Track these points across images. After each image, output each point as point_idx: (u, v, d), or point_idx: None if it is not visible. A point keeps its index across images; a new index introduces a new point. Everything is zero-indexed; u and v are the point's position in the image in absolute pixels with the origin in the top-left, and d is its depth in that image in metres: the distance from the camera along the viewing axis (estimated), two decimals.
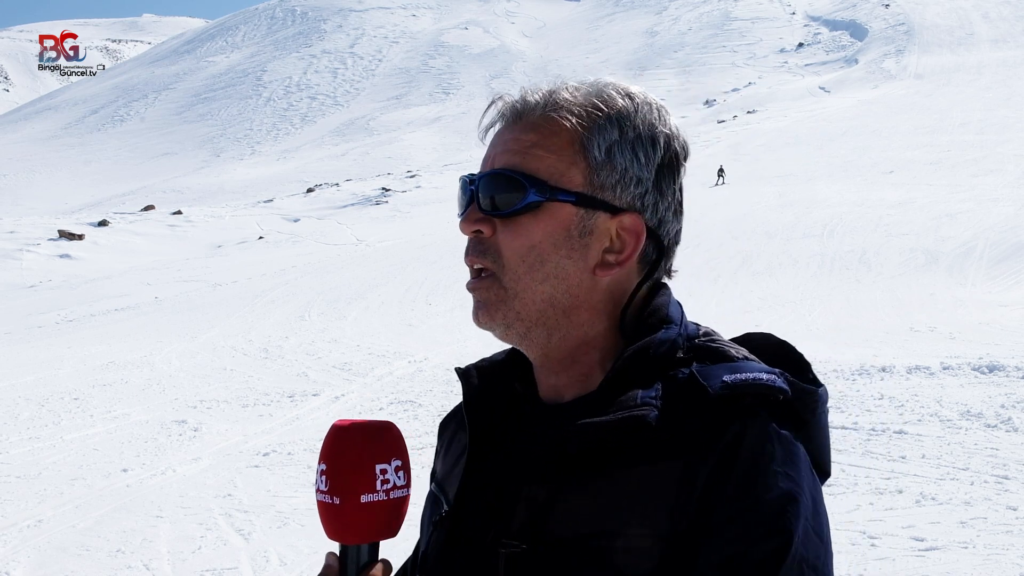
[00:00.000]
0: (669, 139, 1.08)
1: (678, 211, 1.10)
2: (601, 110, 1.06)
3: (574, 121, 1.05)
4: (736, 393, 0.98)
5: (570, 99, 1.06)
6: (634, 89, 1.09)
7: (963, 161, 35.03)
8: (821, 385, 1.04)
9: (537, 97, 1.08)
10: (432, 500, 1.17)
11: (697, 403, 0.98)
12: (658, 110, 1.08)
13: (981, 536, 5.24)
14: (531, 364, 1.12)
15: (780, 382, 0.99)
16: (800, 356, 1.09)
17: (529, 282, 1.05)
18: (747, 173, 37.46)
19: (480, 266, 1.08)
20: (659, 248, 1.08)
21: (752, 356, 1.05)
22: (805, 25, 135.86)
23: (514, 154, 1.06)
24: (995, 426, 7.39)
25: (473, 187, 1.08)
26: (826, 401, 1.05)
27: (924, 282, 17.17)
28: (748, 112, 70.50)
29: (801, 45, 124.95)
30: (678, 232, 1.11)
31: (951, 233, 21.60)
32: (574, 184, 1.04)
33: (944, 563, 4.91)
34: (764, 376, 0.99)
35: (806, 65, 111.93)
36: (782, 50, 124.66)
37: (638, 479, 0.96)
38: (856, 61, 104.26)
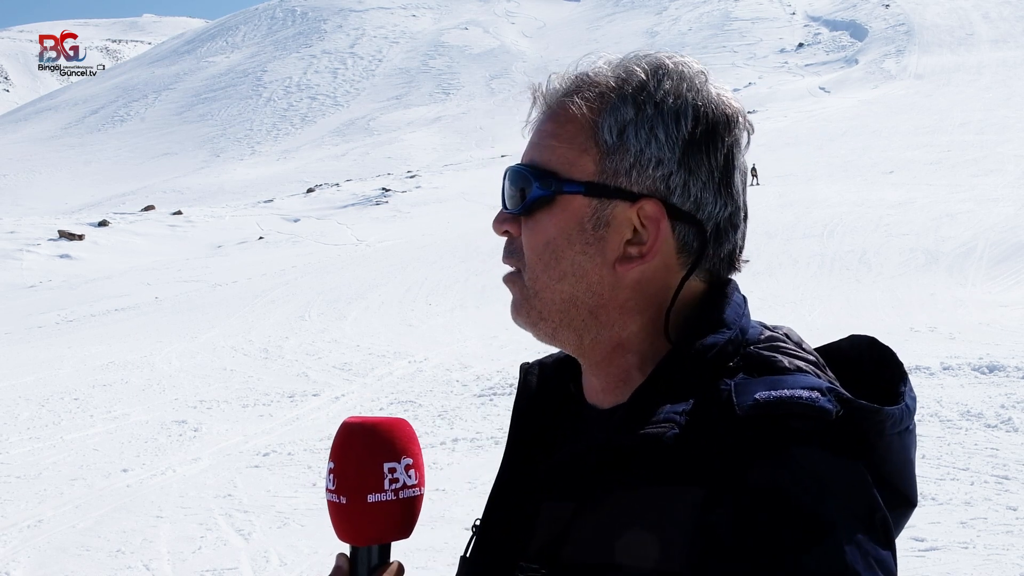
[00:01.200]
0: (703, 110, 0.96)
1: (723, 189, 0.97)
2: (616, 89, 0.97)
3: (585, 105, 0.97)
4: (768, 413, 0.85)
5: (590, 80, 0.99)
6: (666, 59, 0.98)
7: (963, 161, 35.02)
8: (901, 401, 0.92)
9: (561, 82, 1.01)
10: None
11: (726, 424, 0.86)
12: (691, 79, 0.97)
13: (981, 536, 5.24)
14: None
15: (823, 401, 0.86)
16: (898, 365, 0.97)
17: (547, 281, 0.98)
18: None
19: (512, 265, 1.03)
20: (700, 233, 0.97)
21: (810, 367, 0.93)
22: (805, 25, 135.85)
23: (533, 147, 1.01)
24: (995, 426, 7.38)
25: (502, 185, 1.03)
26: (903, 419, 0.91)
27: (924, 282, 17.16)
28: (749, 112, 70.31)
29: (801, 45, 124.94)
30: (733, 213, 0.98)
31: (951, 233, 21.59)
32: (585, 173, 0.97)
33: (944, 563, 4.91)
34: (804, 394, 0.86)
35: (806, 65, 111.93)
36: (782, 50, 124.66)
37: (660, 505, 0.87)
38: (856, 61, 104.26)
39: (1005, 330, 12.01)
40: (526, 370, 1.11)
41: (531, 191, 0.98)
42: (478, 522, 1.06)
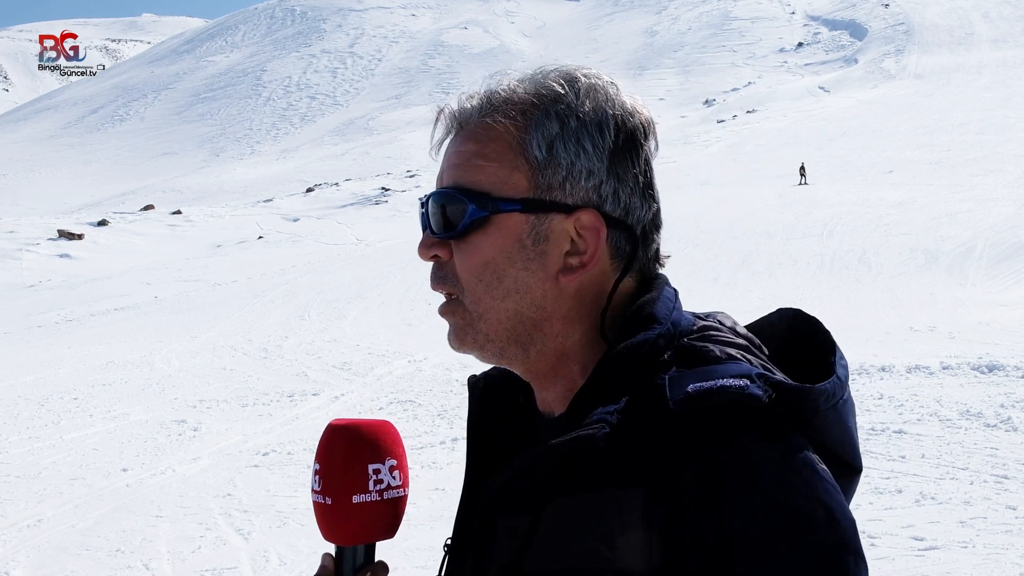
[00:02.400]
0: (621, 119, 0.98)
1: (647, 193, 1.00)
2: (538, 105, 0.98)
3: (508, 123, 0.98)
4: (699, 405, 0.86)
5: (507, 97, 1.00)
6: (578, 72, 1.00)
7: (963, 161, 35.05)
8: (832, 374, 0.93)
9: (474, 102, 1.01)
10: None
11: (659, 419, 0.88)
12: (605, 91, 0.99)
13: (981, 536, 5.24)
14: None
15: (753, 388, 0.87)
16: (825, 335, 0.99)
17: (491, 302, 0.98)
18: (747, 173, 37.43)
19: (445, 292, 1.02)
20: (631, 238, 0.99)
21: (741, 354, 0.94)
22: (805, 25, 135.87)
23: (456, 168, 1.00)
24: (995, 426, 7.39)
25: (424, 210, 1.02)
26: (835, 393, 0.92)
27: (924, 282, 17.17)
28: (748, 112, 70.52)
29: (801, 45, 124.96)
30: (656, 214, 1.01)
31: (951, 233, 21.61)
32: (519, 190, 0.97)
33: (944, 563, 4.91)
34: (733, 383, 0.87)
35: (806, 65, 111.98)
36: (782, 50, 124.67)
37: (608, 507, 0.88)
38: (856, 61, 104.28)
39: (1005, 330, 12.01)
40: (473, 383, 1.11)
41: (467, 213, 0.97)
42: (449, 541, 1.06)
